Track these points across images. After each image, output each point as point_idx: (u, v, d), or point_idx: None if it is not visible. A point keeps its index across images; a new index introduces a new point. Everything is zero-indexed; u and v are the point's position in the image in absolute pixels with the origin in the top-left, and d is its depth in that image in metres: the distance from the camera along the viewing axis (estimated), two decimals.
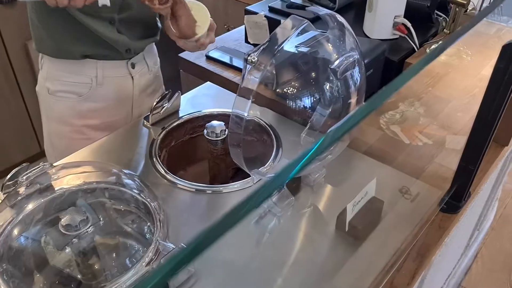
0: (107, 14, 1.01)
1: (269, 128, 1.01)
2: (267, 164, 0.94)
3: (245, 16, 1.29)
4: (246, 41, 1.35)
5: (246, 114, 0.67)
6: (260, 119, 1.02)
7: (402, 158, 1.02)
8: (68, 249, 0.78)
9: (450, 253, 1.25)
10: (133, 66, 1.13)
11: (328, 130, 0.31)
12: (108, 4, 0.88)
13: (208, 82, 1.23)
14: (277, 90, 0.79)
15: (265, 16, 1.26)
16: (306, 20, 0.68)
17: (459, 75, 1.24)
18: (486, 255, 2.03)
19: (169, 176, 0.92)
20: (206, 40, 1.04)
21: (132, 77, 1.14)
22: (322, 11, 0.76)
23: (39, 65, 1.13)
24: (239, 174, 1.03)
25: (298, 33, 0.74)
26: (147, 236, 0.81)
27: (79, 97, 1.10)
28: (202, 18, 0.99)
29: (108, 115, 1.14)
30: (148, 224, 0.81)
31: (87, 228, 0.76)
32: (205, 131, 0.97)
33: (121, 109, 1.17)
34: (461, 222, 0.96)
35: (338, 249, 0.81)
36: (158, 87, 1.27)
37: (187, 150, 1.09)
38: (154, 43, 1.21)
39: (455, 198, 0.88)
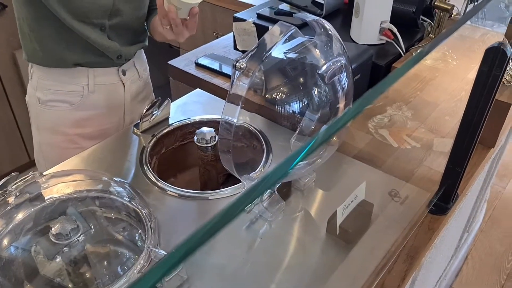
0: (98, 21, 1.02)
1: (259, 134, 1.02)
2: (258, 169, 0.95)
3: (234, 23, 1.30)
4: (235, 48, 1.36)
5: (235, 120, 0.68)
6: (250, 125, 1.03)
7: (391, 161, 1.03)
8: (58, 258, 0.77)
9: (440, 255, 1.27)
10: (124, 73, 1.13)
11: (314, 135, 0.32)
12: None
13: (198, 89, 1.23)
14: (266, 96, 0.79)
15: (254, 23, 1.27)
16: (293, 26, 0.69)
17: (446, 79, 1.26)
18: (476, 256, 2.05)
19: (160, 183, 0.92)
20: (191, 20, 1.00)
21: (123, 84, 1.14)
22: (309, 17, 0.77)
23: (29, 75, 1.12)
24: (230, 180, 1.03)
25: (286, 39, 0.75)
26: (139, 243, 0.81)
27: (71, 105, 1.10)
28: None
29: (100, 123, 1.14)
30: (139, 231, 0.81)
31: (78, 237, 0.75)
32: (195, 137, 0.97)
33: (113, 116, 1.17)
34: (450, 223, 0.97)
35: (329, 253, 0.81)
36: (149, 94, 1.27)
37: (178, 157, 1.10)
38: (143, 50, 1.21)
39: (443, 200, 0.89)
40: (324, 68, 0.71)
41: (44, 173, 0.83)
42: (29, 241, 0.78)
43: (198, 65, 1.33)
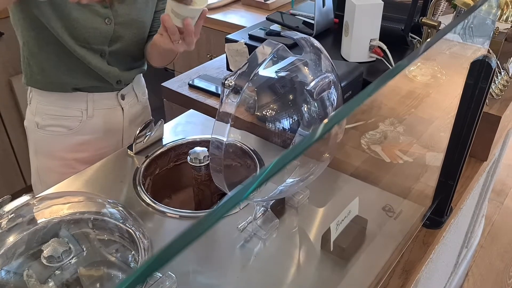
0: (98, 46, 1.03)
1: (252, 152, 1.02)
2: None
3: (226, 44, 1.32)
4: (228, 68, 1.37)
5: (225, 138, 0.68)
6: (243, 143, 1.03)
7: (384, 176, 1.04)
8: (51, 282, 0.76)
9: (439, 271, 1.25)
10: (123, 97, 1.14)
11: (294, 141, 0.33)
12: None
13: (191, 109, 1.24)
14: (257, 113, 0.80)
15: (246, 43, 1.29)
16: (281, 44, 0.70)
17: (439, 96, 1.27)
18: (477, 273, 2.03)
19: (154, 204, 0.92)
20: (196, 26, 0.98)
21: (122, 108, 1.15)
22: (298, 35, 0.79)
23: (28, 99, 1.13)
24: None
25: (275, 58, 0.76)
26: (132, 265, 0.80)
27: (69, 130, 1.11)
28: (200, 2, 0.93)
29: (98, 147, 1.15)
30: (133, 252, 0.80)
31: (70, 259, 0.75)
32: (188, 157, 0.97)
33: (111, 140, 1.17)
34: (446, 238, 0.97)
35: (324, 270, 0.81)
36: (147, 118, 1.28)
37: (172, 177, 1.10)
38: (142, 74, 1.23)
39: (437, 214, 0.89)
40: (312, 84, 0.72)
41: (37, 196, 0.83)
42: (21, 265, 0.77)
43: (191, 86, 1.34)
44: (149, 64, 1.20)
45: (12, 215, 0.78)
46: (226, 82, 0.65)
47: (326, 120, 0.37)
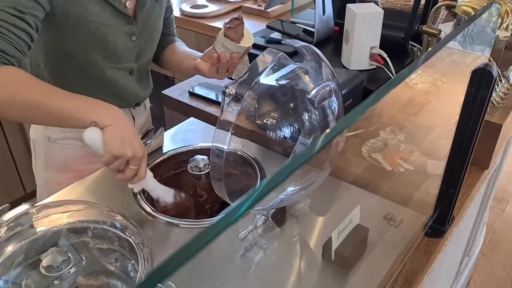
0: (129, 64, 1.03)
1: (252, 161, 1.02)
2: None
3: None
4: (229, 76, 1.37)
5: (226, 147, 0.68)
6: (243, 151, 1.03)
7: (385, 185, 1.03)
8: None
9: (441, 279, 1.25)
10: (134, 107, 1.15)
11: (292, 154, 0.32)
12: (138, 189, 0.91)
13: (192, 117, 1.24)
14: (258, 121, 0.80)
15: None
16: (282, 52, 0.70)
17: (440, 103, 1.27)
18: (479, 281, 2.02)
19: (154, 213, 0.91)
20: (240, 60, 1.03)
21: (133, 117, 1.15)
22: (298, 43, 0.79)
23: None
24: (224, 208, 1.03)
25: (276, 66, 0.76)
26: (131, 274, 0.79)
27: (82, 142, 1.09)
28: (248, 37, 1.01)
29: None
30: (132, 262, 0.80)
31: (69, 269, 0.74)
32: (188, 165, 0.97)
33: None
34: (447, 246, 0.96)
35: (325, 279, 0.80)
36: (149, 125, 1.28)
37: (172, 185, 1.09)
38: None
39: (439, 222, 0.89)
40: (313, 92, 0.71)
41: (36, 204, 0.82)
42: (19, 275, 0.77)
43: (191, 94, 1.34)
44: (161, 68, 1.20)
45: (11, 224, 0.78)
46: (226, 90, 0.65)
47: (328, 131, 0.36)
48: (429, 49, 1.25)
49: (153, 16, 1.04)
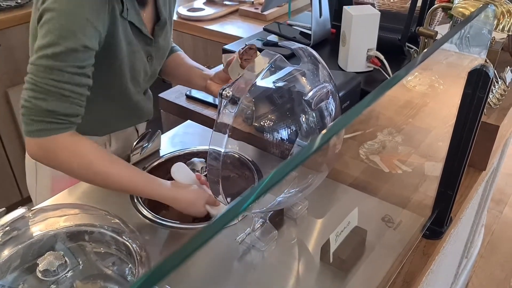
0: (144, 85, 1.03)
1: (250, 163, 1.01)
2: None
3: (223, 55, 1.32)
4: None
5: (223, 149, 0.68)
6: (241, 154, 1.03)
7: (383, 187, 1.03)
8: None
9: (439, 281, 1.24)
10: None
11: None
12: None
13: (189, 120, 1.24)
14: (255, 124, 0.80)
15: None
16: (279, 54, 0.70)
17: (437, 105, 1.27)
18: (477, 283, 2.01)
19: (151, 216, 0.91)
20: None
21: (137, 130, 1.15)
22: (295, 45, 0.78)
23: None
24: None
25: (273, 68, 0.76)
26: (129, 278, 0.79)
27: None
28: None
29: None
30: (130, 265, 0.79)
31: (66, 273, 0.74)
32: None
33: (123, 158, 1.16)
34: (446, 248, 0.96)
35: (323, 281, 0.80)
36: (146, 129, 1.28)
37: None
38: None
39: (437, 224, 0.88)
40: (310, 94, 0.71)
41: (32, 208, 0.82)
42: (16, 279, 0.76)
43: (189, 97, 1.33)
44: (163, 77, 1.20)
45: (7, 228, 0.77)
46: (223, 92, 0.65)
47: (324, 131, 0.36)
48: (426, 49, 1.25)
49: (168, 34, 1.04)
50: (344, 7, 1.23)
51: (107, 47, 0.86)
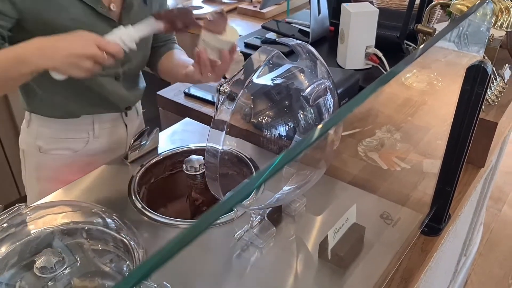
0: (112, 70, 1.01)
1: (248, 160, 1.01)
2: (250, 196, 0.94)
3: None
4: (224, 77, 1.37)
5: (220, 146, 0.67)
6: (239, 151, 1.02)
7: (382, 184, 1.03)
8: None
9: (438, 279, 1.24)
10: (126, 114, 1.13)
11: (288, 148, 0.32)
12: (134, 47, 0.87)
13: (187, 118, 1.23)
14: (253, 120, 0.80)
15: (241, 52, 1.29)
16: (276, 50, 0.70)
17: (436, 103, 1.27)
18: (476, 281, 2.01)
19: (149, 213, 0.90)
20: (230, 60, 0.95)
21: (125, 125, 1.14)
22: (293, 41, 0.78)
23: (25, 122, 1.09)
24: None
25: (271, 64, 0.76)
26: (127, 275, 0.79)
27: (75, 152, 1.08)
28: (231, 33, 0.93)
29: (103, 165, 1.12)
30: (127, 262, 0.79)
31: (63, 270, 0.74)
32: (184, 166, 0.96)
33: (115, 157, 1.15)
34: (444, 245, 0.96)
35: (322, 278, 0.80)
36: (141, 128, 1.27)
37: (167, 186, 1.08)
38: None
39: (435, 221, 0.88)
40: (308, 90, 0.71)
41: (30, 205, 0.82)
42: (13, 276, 0.76)
43: (187, 94, 1.33)
44: (155, 75, 1.18)
45: (5, 225, 0.77)
46: (221, 88, 0.65)
47: (320, 125, 0.36)
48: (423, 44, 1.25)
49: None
50: (343, 4, 1.23)
51: (45, 19, 0.87)
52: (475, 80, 0.70)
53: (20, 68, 0.81)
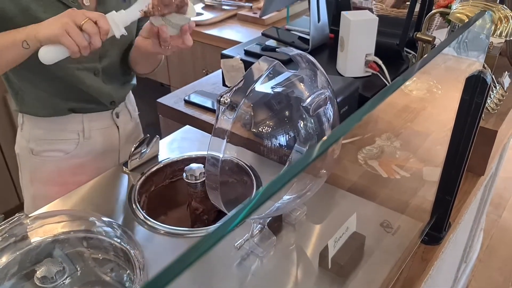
0: (90, 64, 1.02)
1: (248, 169, 1.01)
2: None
3: (222, 60, 1.32)
4: (224, 84, 1.37)
5: (221, 155, 0.68)
6: (239, 159, 1.03)
7: (382, 192, 1.03)
8: None
9: (439, 286, 1.24)
10: (117, 115, 1.13)
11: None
12: (125, 32, 0.87)
13: (187, 125, 1.24)
14: (253, 130, 0.80)
15: (241, 59, 1.29)
16: (276, 60, 0.70)
17: (436, 109, 1.27)
18: (476, 287, 2.01)
19: (149, 222, 0.90)
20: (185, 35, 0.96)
21: (117, 126, 1.14)
22: (293, 51, 0.78)
23: (19, 126, 1.10)
24: (221, 217, 1.02)
25: (271, 74, 0.76)
26: (127, 284, 0.79)
27: (66, 154, 1.08)
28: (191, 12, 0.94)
29: (96, 168, 1.12)
30: (128, 271, 0.79)
31: (64, 280, 0.74)
32: (184, 174, 0.97)
33: (108, 160, 1.15)
34: (444, 253, 0.96)
35: (322, 287, 0.80)
36: (139, 134, 1.27)
37: (168, 194, 1.08)
38: (131, 91, 1.22)
39: (436, 229, 0.88)
40: (308, 100, 0.71)
41: (30, 215, 0.82)
42: (14, 286, 0.76)
43: (187, 102, 1.33)
44: (137, 74, 1.18)
45: (5, 234, 0.77)
46: (221, 99, 0.65)
47: (324, 138, 0.36)
48: (424, 55, 1.25)
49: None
50: (342, 12, 1.24)
51: (11, 12, 0.88)
52: (475, 90, 0.70)
53: (15, 34, 0.84)
